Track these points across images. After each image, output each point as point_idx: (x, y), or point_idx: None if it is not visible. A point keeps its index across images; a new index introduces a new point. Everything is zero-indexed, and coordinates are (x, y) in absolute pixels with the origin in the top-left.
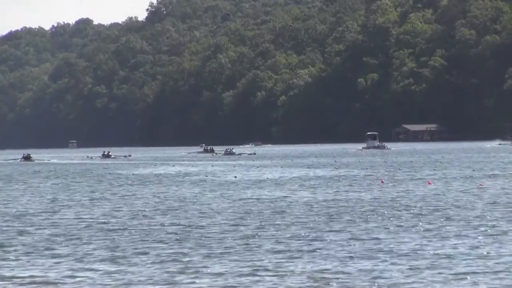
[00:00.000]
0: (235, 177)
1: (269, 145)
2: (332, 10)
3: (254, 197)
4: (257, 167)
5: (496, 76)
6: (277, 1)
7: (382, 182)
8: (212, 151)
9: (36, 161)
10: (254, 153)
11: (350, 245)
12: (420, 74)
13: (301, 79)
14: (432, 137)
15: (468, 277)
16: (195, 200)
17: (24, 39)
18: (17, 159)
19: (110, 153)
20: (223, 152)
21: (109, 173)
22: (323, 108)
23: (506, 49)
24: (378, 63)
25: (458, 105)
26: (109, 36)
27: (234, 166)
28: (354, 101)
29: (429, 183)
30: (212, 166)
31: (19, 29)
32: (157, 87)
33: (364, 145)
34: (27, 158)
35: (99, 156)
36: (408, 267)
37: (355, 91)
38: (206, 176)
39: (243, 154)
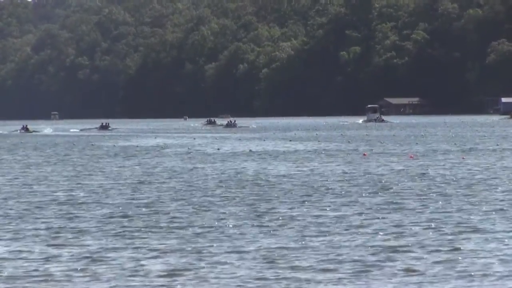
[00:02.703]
0: (218, 149)
1: (238, 118)
2: None
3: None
4: (239, 139)
5: (478, 50)
6: None
7: (365, 155)
8: (214, 123)
9: (33, 133)
10: (255, 126)
11: (308, 220)
12: (403, 48)
13: (284, 52)
14: (415, 110)
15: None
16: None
17: (6, 10)
18: (17, 130)
19: (108, 125)
20: (225, 124)
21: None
22: (305, 81)
23: (489, 23)
24: (361, 36)
25: (441, 78)
26: (92, 7)
27: (216, 139)
28: (336, 74)
29: (411, 157)
30: (194, 138)
31: (1, 0)
32: (139, 59)
33: (365, 118)
34: (26, 129)
35: (96, 128)
36: (377, 242)
37: (338, 64)
38: (189, 148)
39: (244, 127)
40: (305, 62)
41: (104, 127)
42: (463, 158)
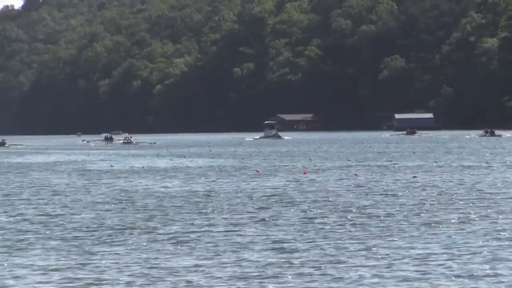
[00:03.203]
0: (112, 166)
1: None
2: None
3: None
4: (133, 156)
5: (371, 66)
6: None
7: (257, 171)
8: (111, 139)
9: None
10: (155, 143)
11: (188, 237)
12: (296, 64)
13: (177, 68)
14: (308, 126)
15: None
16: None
17: None
18: None
19: (4, 141)
20: (122, 141)
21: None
22: (199, 97)
23: (382, 39)
24: (254, 52)
25: (334, 94)
26: None
27: (110, 155)
28: (230, 90)
29: (305, 172)
30: (88, 155)
31: None
32: (33, 75)
33: (262, 134)
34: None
35: None
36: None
37: (231, 80)
38: (82, 165)
39: (140, 143)
40: (198, 78)
41: (0, 144)
42: (356, 174)
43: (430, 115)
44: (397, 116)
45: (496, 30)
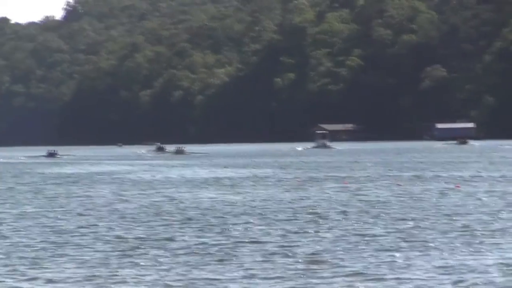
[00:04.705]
0: (153, 176)
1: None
2: (248, 9)
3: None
4: (181, 166)
5: (412, 76)
6: (194, 1)
7: (298, 181)
8: (163, 149)
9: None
10: (207, 153)
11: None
12: (337, 74)
13: (218, 79)
14: (349, 136)
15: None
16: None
17: None
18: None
19: (56, 152)
20: (174, 151)
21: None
22: (240, 107)
23: (422, 48)
24: (295, 62)
25: (375, 104)
26: (26, 35)
27: (153, 166)
28: (271, 100)
29: (346, 183)
30: (132, 165)
31: None
32: (74, 86)
33: (313, 144)
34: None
35: (43, 156)
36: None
37: (272, 90)
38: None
39: (193, 154)
40: (239, 89)
41: (51, 155)
42: (399, 184)
43: (471, 125)
44: (438, 125)
45: None
